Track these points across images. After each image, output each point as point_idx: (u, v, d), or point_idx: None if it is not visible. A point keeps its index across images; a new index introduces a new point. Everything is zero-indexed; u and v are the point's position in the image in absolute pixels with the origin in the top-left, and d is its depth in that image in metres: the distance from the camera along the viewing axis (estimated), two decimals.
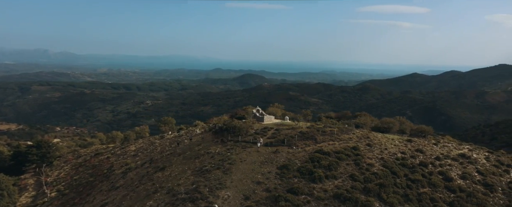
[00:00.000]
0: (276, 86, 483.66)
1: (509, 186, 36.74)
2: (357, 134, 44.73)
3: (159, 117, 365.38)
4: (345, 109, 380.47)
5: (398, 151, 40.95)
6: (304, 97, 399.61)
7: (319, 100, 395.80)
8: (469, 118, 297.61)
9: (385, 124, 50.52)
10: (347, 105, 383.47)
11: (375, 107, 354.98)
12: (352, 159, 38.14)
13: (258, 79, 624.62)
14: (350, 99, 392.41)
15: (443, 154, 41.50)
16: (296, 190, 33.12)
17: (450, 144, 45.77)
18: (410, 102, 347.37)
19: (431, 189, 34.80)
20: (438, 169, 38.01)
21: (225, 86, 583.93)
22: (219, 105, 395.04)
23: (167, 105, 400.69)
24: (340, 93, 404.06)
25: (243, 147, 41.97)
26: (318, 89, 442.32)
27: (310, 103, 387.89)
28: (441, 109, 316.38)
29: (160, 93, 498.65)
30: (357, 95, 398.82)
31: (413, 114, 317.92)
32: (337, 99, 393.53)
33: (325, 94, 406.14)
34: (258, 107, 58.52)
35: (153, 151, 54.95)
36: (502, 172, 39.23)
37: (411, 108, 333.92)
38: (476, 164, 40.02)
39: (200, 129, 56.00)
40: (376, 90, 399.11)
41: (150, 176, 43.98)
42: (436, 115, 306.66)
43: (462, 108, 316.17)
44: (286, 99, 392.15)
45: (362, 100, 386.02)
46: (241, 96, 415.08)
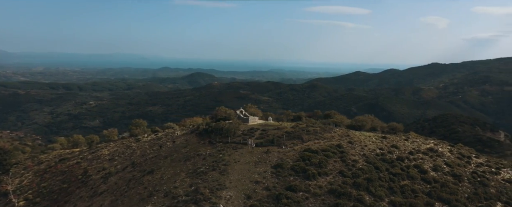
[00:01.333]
0: (226, 85, 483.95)
1: (472, 176, 41.83)
2: (338, 133, 47.96)
3: (104, 118, 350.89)
4: (294, 107, 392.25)
5: (377, 147, 44.71)
6: (254, 96, 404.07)
7: (270, 98, 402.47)
8: (407, 113, 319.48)
9: (359, 122, 54.50)
10: (297, 102, 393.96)
11: (323, 104, 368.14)
12: (338, 156, 41.14)
13: (208, 78, 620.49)
14: (299, 97, 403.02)
15: (414, 148, 46.01)
16: (294, 187, 35.32)
17: (418, 139, 50.67)
18: (355, 99, 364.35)
19: (410, 181, 38.75)
20: (413, 162, 42.22)
21: (174, 86, 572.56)
22: (169, 104, 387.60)
23: (113, 105, 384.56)
24: (289, 92, 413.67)
25: (234, 148, 43.31)
26: (268, 87, 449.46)
27: (261, 101, 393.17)
28: (382, 105, 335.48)
29: (104, 93, 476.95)
30: (305, 93, 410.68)
31: (357, 110, 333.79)
32: (287, 97, 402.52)
33: (275, 93, 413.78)
34: (241, 108, 59.87)
35: (132, 155, 54.19)
36: (465, 163, 44.44)
37: (356, 105, 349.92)
38: (443, 157, 44.92)
39: (181, 131, 56.10)
40: (323, 88, 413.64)
41: (138, 179, 43.75)
42: (378, 111, 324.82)
43: (401, 103, 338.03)
44: (237, 98, 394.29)
45: (310, 98, 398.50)
46: (191, 95, 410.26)
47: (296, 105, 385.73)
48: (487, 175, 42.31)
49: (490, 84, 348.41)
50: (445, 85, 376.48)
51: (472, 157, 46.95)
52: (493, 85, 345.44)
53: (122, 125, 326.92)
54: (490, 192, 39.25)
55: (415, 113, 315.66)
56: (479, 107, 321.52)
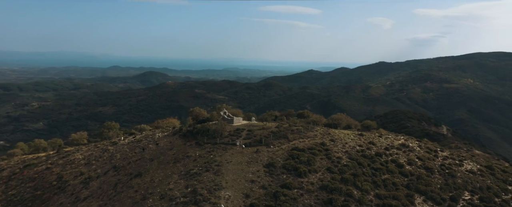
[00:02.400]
0: (181, 84, 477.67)
1: (441, 168, 46.09)
2: (319, 131, 50.47)
3: (49, 120, 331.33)
4: (250, 105, 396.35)
5: (356, 144, 47.77)
6: (210, 95, 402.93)
7: (225, 97, 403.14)
8: (358, 109, 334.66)
9: (335, 121, 57.53)
10: (253, 101, 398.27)
11: (279, 102, 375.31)
12: (324, 154, 43.57)
13: (161, 77, 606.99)
14: (255, 95, 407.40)
15: (389, 144, 49.67)
16: (289, 185, 37.12)
17: (390, 136, 54.62)
18: (309, 97, 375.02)
19: (390, 175, 42.06)
20: (390, 157, 45.70)
21: (125, 85, 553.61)
22: (120, 104, 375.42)
23: (58, 106, 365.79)
24: (245, 90, 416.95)
25: (224, 149, 44.24)
26: (224, 86, 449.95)
27: (217, 100, 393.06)
28: (335, 102, 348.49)
29: (48, 93, 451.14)
30: (261, 91, 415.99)
31: (311, 107, 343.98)
32: (243, 96, 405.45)
33: (231, 91, 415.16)
34: (225, 109, 60.47)
35: (112, 158, 53.01)
36: (433, 157, 48.78)
37: (309, 102, 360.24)
38: (414, 151, 48.99)
39: (162, 133, 55.72)
40: (278, 87, 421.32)
41: (126, 183, 43.25)
42: (331, 108, 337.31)
43: (352, 100, 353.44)
44: (193, 97, 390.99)
45: (266, 96, 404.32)
46: (144, 95, 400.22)
47: (252, 104, 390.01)
48: (453, 167, 46.87)
49: (431, 82, 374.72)
50: (392, 83, 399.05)
51: (438, 151, 51.61)
52: (434, 83, 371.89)
53: (69, 127, 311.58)
54: (458, 183, 43.64)
55: (365, 109, 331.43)
56: (422, 102, 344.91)
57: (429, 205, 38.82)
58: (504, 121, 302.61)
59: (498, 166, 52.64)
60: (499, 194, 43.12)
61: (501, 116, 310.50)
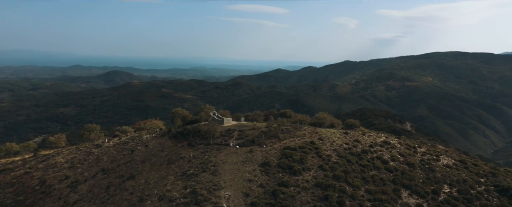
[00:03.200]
0: (147, 84, 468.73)
1: (421, 163, 49.09)
2: (307, 130, 52.15)
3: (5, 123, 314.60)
4: (219, 105, 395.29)
5: (343, 143, 49.86)
6: (178, 95, 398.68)
7: (194, 97, 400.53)
8: (325, 107, 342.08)
9: (319, 120, 59.50)
10: (221, 100, 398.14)
11: (247, 101, 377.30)
12: (315, 152, 45.28)
13: (126, 76, 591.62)
14: (223, 95, 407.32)
15: (372, 142, 52.18)
16: (286, 183, 38.45)
17: (372, 133, 57.27)
18: (277, 95, 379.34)
19: (377, 171, 44.42)
20: (375, 154, 48.12)
21: (87, 85, 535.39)
22: (83, 105, 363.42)
23: (15, 107, 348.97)
24: (213, 90, 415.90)
25: (217, 149, 44.88)
26: (192, 85, 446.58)
27: (185, 100, 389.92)
28: (303, 101, 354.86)
29: (4, 94, 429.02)
30: (230, 90, 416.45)
31: (280, 106, 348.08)
32: (211, 95, 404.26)
33: (199, 91, 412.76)
34: (214, 110, 60.71)
35: (99, 161, 52.06)
36: (413, 153, 51.78)
37: (278, 101, 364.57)
38: (396, 148, 51.77)
39: (151, 135, 55.29)
40: (247, 86, 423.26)
41: (118, 186, 42.86)
42: (299, 106, 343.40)
43: (319, 99, 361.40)
44: (160, 97, 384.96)
45: (235, 95, 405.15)
46: (109, 95, 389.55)
47: (221, 103, 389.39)
48: (432, 162, 50.03)
49: (394, 80, 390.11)
50: (357, 81, 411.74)
51: (416, 147, 54.81)
52: (396, 81, 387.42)
53: (27, 129, 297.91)
54: (437, 177, 46.74)
55: (332, 107, 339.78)
56: (385, 100, 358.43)
57: (414, 199, 41.48)
58: (460, 116, 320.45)
59: (469, 160, 56.66)
60: (474, 186, 46.63)
61: (457, 112, 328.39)
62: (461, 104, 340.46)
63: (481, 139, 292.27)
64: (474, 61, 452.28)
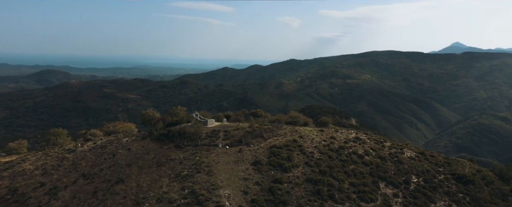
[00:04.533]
0: (86, 84, 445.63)
1: (390, 156, 53.78)
2: (287, 129, 54.60)
3: None
4: (166, 104, 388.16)
5: (321, 140, 53.04)
6: (121, 94, 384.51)
7: (138, 96, 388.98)
8: (273, 105, 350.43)
9: (294, 119, 62.27)
10: (168, 99, 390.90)
11: (195, 100, 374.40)
12: (299, 150, 47.89)
13: (62, 76, 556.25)
14: (169, 94, 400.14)
15: (345, 138, 56.03)
16: (280, 180, 40.60)
17: (343, 130, 61.23)
18: (225, 94, 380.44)
19: (355, 165, 48.11)
20: (350, 149, 51.88)
21: (17, 85, 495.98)
22: (13, 107, 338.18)
23: None
24: (159, 89, 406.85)
25: (207, 150, 45.71)
26: (136, 85, 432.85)
27: (129, 100, 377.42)
28: (251, 99, 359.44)
29: None
30: (176, 89, 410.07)
31: (228, 105, 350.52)
32: (157, 95, 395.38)
33: (144, 90, 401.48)
34: (196, 111, 60.60)
35: (77, 166, 50.15)
36: (382, 147, 56.47)
37: (226, 100, 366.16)
38: (367, 143, 56.04)
39: (131, 138, 54.18)
40: (194, 85, 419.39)
41: (107, 190, 42.07)
42: (247, 105, 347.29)
43: (267, 96, 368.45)
44: (101, 97, 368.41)
45: (182, 94, 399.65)
46: (43, 96, 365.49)
47: (167, 102, 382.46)
48: (398, 155, 55.05)
49: (336, 78, 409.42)
50: (302, 79, 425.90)
51: (383, 141, 59.76)
52: (338, 79, 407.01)
53: None
54: (405, 168, 51.67)
55: (279, 105, 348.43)
56: (329, 97, 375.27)
57: (390, 189, 45.77)
58: (396, 111, 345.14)
59: (427, 152, 62.94)
60: (435, 176, 52.26)
61: (393, 107, 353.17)
62: (396, 100, 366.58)
63: (414, 132, 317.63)
64: (407, 60, 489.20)
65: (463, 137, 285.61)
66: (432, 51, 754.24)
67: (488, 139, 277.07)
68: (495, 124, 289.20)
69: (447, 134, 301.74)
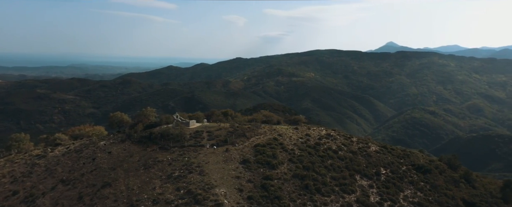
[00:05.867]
0: (16, 84, 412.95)
1: (360, 151, 57.92)
2: (266, 128, 56.44)
3: None
4: (107, 105, 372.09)
5: (298, 137, 55.69)
6: (57, 95, 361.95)
7: (76, 97, 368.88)
8: (220, 104, 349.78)
9: (268, 118, 64.22)
10: (109, 100, 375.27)
11: (139, 100, 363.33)
12: (281, 148, 50.10)
13: None
14: (111, 94, 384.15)
15: (319, 135, 59.26)
16: (270, 177, 42.48)
17: (314, 128, 64.47)
18: (171, 93, 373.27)
19: (332, 160, 51.40)
20: (325, 145, 55.15)
21: None
22: None
23: None
24: (100, 89, 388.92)
25: (194, 151, 46.14)
26: (73, 85, 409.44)
27: (66, 101, 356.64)
28: (198, 98, 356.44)
29: None
30: (119, 89, 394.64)
31: (175, 104, 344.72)
32: (97, 95, 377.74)
33: (82, 90, 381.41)
34: (177, 113, 59.71)
35: (53, 172, 47.79)
36: (351, 142, 60.58)
37: (173, 99, 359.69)
38: (337, 139, 59.80)
39: (106, 141, 52.49)
40: (137, 84, 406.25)
41: (94, 194, 41.04)
42: (194, 104, 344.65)
43: (214, 95, 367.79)
44: (34, 99, 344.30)
45: (125, 94, 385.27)
46: None
47: (109, 103, 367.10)
48: (366, 149, 59.51)
49: (282, 76, 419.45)
50: (249, 78, 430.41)
51: (351, 137, 64.05)
52: (284, 77, 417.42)
53: None
54: (374, 161, 56.10)
55: (227, 103, 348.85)
56: (275, 95, 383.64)
57: (365, 181, 49.70)
58: (338, 107, 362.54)
59: (388, 145, 68.52)
60: (399, 167, 57.43)
61: (336, 104, 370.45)
62: (338, 96, 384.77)
63: (355, 127, 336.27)
64: (347, 58, 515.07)
65: (398, 130, 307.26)
66: (369, 50, 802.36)
67: (419, 132, 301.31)
68: (425, 117, 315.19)
69: (384, 128, 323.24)
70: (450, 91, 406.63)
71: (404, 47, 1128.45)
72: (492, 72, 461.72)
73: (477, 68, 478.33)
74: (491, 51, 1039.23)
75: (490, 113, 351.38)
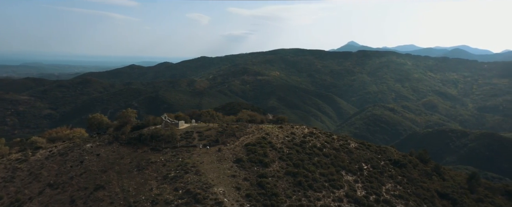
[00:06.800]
0: None
1: (342, 148, 60.28)
2: (253, 128, 57.35)
3: None
4: (66, 105, 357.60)
5: (284, 136, 57.12)
6: (9, 95, 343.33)
7: (31, 97, 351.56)
8: (186, 103, 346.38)
9: (252, 117, 65.15)
10: (68, 100, 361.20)
11: (101, 100, 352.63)
12: (270, 146, 51.30)
13: None
14: (70, 94, 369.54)
15: (303, 133, 61.05)
16: (264, 175, 43.59)
17: (297, 126, 66.19)
18: (135, 93, 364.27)
19: (319, 157, 53.34)
20: (310, 143, 57.02)
21: None
22: None
23: None
24: (57, 89, 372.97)
25: (187, 151, 46.26)
26: (28, 85, 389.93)
27: (19, 102, 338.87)
28: (163, 98, 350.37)
29: None
30: (78, 89, 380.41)
31: (139, 104, 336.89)
32: (55, 95, 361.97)
33: (37, 91, 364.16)
34: (165, 114, 58.83)
35: (38, 176, 46.03)
36: (332, 140, 62.92)
37: (136, 99, 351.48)
38: (320, 137, 61.92)
39: (93, 143, 51.11)
40: (98, 83, 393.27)
41: (88, 197, 40.28)
42: (159, 103, 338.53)
43: (179, 95, 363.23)
44: None
45: (85, 94, 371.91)
46: None
47: (68, 103, 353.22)
48: (347, 146, 62.12)
49: (248, 75, 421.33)
50: (214, 77, 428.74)
51: (332, 135, 66.48)
52: (250, 76, 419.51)
53: None
54: (355, 157, 58.78)
55: (193, 102, 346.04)
56: (241, 94, 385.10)
57: (350, 176, 52.05)
58: (303, 105, 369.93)
59: (365, 142, 71.75)
60: (378, 162, 60.52)
61: (301, 102, 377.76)
62: (303, 95, 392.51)
63: (319, 124, 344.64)
64: (311, 57, 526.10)
65: (360, 127, 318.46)
66: (332, 49, 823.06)
67: (379, 128, 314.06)
68: (385, 114, 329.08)
69: (347, 125, 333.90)
70: (408, 88, 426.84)
71: (365, 46, 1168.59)
72: (445, 71, 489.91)
73: (432, 66, 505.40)
74: (443, 50, 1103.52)
75: (443, 109, 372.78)
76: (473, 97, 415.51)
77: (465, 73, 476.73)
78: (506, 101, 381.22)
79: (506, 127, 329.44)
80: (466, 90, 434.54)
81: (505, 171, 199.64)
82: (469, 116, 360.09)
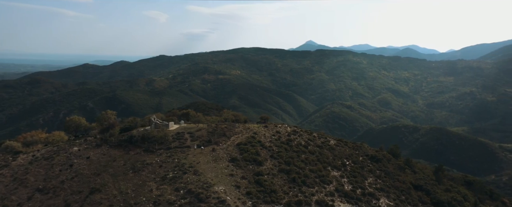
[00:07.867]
0: None
1: (324, 145, 62.63)
2: (241, 127, 58.02)
3: None
4: (13, 107, 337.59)
5: (271, 135, 58.42)
6: None
7: None
8: (145, 103, 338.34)
9: (236, 117, 65.69)
10: (16, 101, 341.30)
11: (52, 101, 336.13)
12: (260, 145, 52.39)
13: None
14: (17, 95, 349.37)
15: (287, 132, 62.69)
16: (261, 173, 44.71)
17: (280, 125, 67.68)
18: (90, 93, 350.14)
19: (306, 155, 55.23)
20: (295, 141, 58.77)
21: None
22: None
23: None
24: (2, 89, 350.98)
25: (182, 152, 46.17)
26: None
27: None
28: (120, 98, 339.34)
29: None
30: (26, 90, 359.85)
31: (95, 105, 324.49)
32: (0, 97, 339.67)
33: None
34: (154, 115, 57.35)
35: (24, 181, 43.79)
36: (314, 137, 65.13)
37: (92, 99, 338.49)
38: (303, 135, 63.90)
39: (79, 146, 49.26)
40: (49, 83, 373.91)
41: (84, 200, 39.26)
42: (116, 104, 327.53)
43: (138, 94, 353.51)
44: None
45: (34, 95, 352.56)
46: None
47: (16, 105, 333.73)
48: (327, 143, 64.66)
49: (208, 74, 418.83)
50: (174, 76, 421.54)
51: (313, 133, 68.74)
52: (210, 75, 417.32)
53: None
54: (337, 153, 61.42)
55: (152, 102, 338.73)
56: (202, 93, 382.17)
57: (336, 172, 54.51)
58: (264, 104, 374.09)
59: (342, 139, 74.89)
60: (358, 158, 63.65)
61: (262, 100, 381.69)
62: (264, 93, 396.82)
63: (280, 123, 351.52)
64: (271, 56, 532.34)
65: (320, 124, 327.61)
66: (291, 48, 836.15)
67: (338, 125, 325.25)
68: (343, 111, 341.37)
69: (307, 122, 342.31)
70: (363, 86, 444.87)
71: (322, 45, 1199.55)
72: (397, 69, 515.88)
73: (385, 65, 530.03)
74: (395, 50, 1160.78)
75: (396, 106, 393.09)
76: (422, 94, 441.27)
77: (415, 72, 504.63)
78: (451, 98, 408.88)
79: (452, 122, 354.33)
80: (416, 88, 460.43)
81: (453, 163, 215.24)
82: (419, 111, 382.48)
